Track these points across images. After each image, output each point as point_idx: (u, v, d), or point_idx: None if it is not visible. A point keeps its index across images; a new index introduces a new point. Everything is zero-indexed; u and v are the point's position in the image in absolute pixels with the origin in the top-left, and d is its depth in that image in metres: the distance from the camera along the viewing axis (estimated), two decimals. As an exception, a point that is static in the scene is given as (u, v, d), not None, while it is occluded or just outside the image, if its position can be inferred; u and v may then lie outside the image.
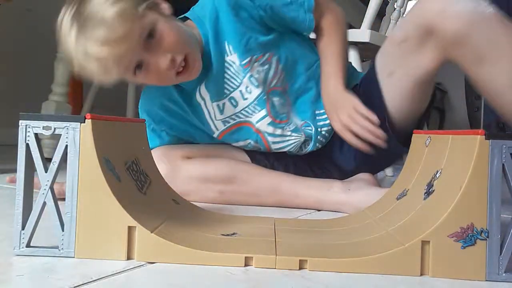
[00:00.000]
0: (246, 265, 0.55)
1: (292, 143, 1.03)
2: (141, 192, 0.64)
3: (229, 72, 0.99)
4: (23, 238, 0.55)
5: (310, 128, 1.03)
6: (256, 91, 1.00)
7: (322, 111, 1.03)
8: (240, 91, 1.00)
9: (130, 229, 0.55)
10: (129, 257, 0.55)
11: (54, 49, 1.85)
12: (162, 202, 0.70)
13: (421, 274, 0.54)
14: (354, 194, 0.93)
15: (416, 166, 0.70)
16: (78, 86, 2.45)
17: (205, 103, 1.02)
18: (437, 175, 0.60)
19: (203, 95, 1.01)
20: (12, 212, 0.80)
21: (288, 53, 1.02)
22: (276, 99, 1.01)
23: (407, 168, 0.76)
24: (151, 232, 0.55)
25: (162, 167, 0.87)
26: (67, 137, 0.55)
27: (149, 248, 0.55)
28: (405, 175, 0.75)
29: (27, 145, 0.55)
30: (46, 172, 0.55)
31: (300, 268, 0.55)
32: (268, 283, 0.50)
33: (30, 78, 2.57)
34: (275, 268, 0.54)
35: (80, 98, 2.49)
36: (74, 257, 0.55)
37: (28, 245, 0.55)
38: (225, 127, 1.03)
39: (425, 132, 0.71)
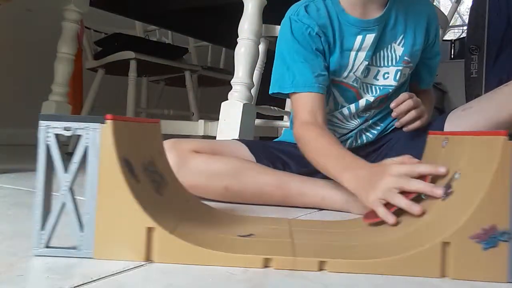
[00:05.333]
0: (265, 266, 0.55)
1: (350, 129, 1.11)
2: (157, 193, 0.64)
3: (387, 53, 1.06)
4: (42, 238, 0.54)
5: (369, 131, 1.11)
6: (391, 83, 1.07)
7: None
8: (383, 72, 1.07)
9: (149, 230, 0.55)
10: (147, 258, 0.55)
11: (54, 49, 1.85)
12: (177, 202, 0.70)
13: (442, 276, 0.54)
14: None
15: (431, 167, 0.70)
16: (78, 86, 2.45)
17: (356, 54, 1.04)
18: (456, 176, 0.60)
19: (364, 45, 1.04)
20: (12, 212, 0.80)
21: None
22: (388, 99, 1.09)
23: (420, 169, 0.75)
24: (170, 233, 0.55)
25: (171, 159, 0.87)
26: (87, 138, 0.55)
27: (169, 249, 0.55)
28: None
29: (47, 146, 0.55)
30: (65, 172, 0.55)
31: (320, 269, 0.54)
32: (268, 283, 0.50)
33: (30, 78, 2.56)
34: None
35: (80, 98, 2.48)
36: (93, 257, 0.54)
37: (47, 246, 0.55)
38: (348, 82, 1.07)
39: (442, 133, 0.71)
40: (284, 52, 1.03)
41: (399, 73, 1.07)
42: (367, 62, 1.04)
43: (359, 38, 1.03)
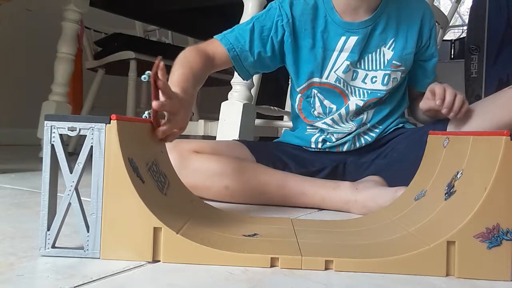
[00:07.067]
0: (272, 265, 0.55)
1: (344, 133, 1.11)
2: (162, 193, 0.64)
3: (375, 57, 1.07)
4: (48, 239, 0.55)
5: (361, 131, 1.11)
6: (379, 87, 1.08)
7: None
8: (370, 76, 1.08)
9: (156, 230, 0.55)
10: (154, 259, 0.55)
11: (54, 49, 1.85)
12: (181, 202, 0.70)
13: (447, 275, 0.54)
14: (362, 193, 0.93)
15: (433, 167, 0.70)
16: (78, 86, 2.44)
17: (338, 55, 1.06)
18: (458, 176, 0.61)
19: (346, 47, 1.06)
20: (12, 212, 0.81)
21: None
22: (383, 102, 1.11)
23: (423, 169, 0.76)
24: (177, 233, 0.55)
25: (171, 159, 0.88)
26: (92, 138, 0.55)
27: (176, 249, 0.55)
28: (421, 176, 0.75)
29: (52, 146, 0.55)
30: (71, 173, 0.55)
31: (326, 268, 0.55)
32: (268, 283, 0.50)
33: (30, 78, 2.56)
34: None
35: (80, 98, 2.48)
36: (99, 258, 0.55)
37: (53, 246, 0.55)
38: (330, 82, 1.08)
39: (442, 133, 0.72)
40: (254, 17, 1.09)
41: (387, 77, 1.07)
42: (348, 62, 1.06)
43: (342, 39, 1.05)
